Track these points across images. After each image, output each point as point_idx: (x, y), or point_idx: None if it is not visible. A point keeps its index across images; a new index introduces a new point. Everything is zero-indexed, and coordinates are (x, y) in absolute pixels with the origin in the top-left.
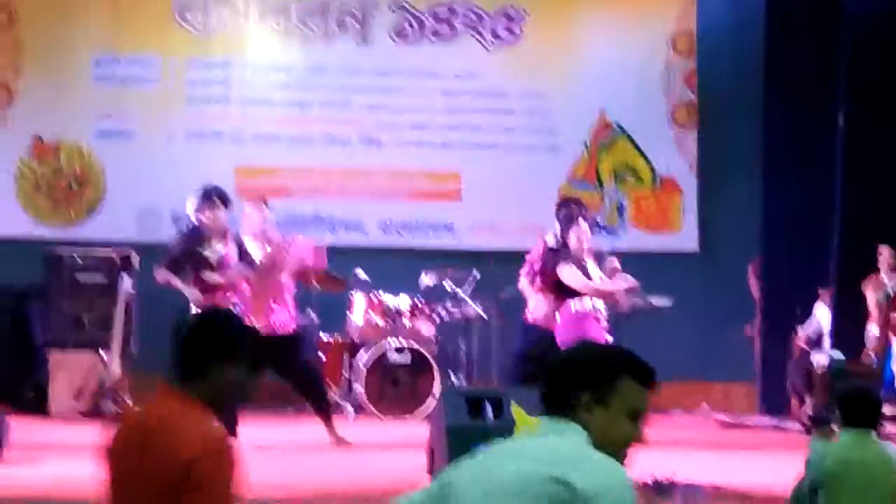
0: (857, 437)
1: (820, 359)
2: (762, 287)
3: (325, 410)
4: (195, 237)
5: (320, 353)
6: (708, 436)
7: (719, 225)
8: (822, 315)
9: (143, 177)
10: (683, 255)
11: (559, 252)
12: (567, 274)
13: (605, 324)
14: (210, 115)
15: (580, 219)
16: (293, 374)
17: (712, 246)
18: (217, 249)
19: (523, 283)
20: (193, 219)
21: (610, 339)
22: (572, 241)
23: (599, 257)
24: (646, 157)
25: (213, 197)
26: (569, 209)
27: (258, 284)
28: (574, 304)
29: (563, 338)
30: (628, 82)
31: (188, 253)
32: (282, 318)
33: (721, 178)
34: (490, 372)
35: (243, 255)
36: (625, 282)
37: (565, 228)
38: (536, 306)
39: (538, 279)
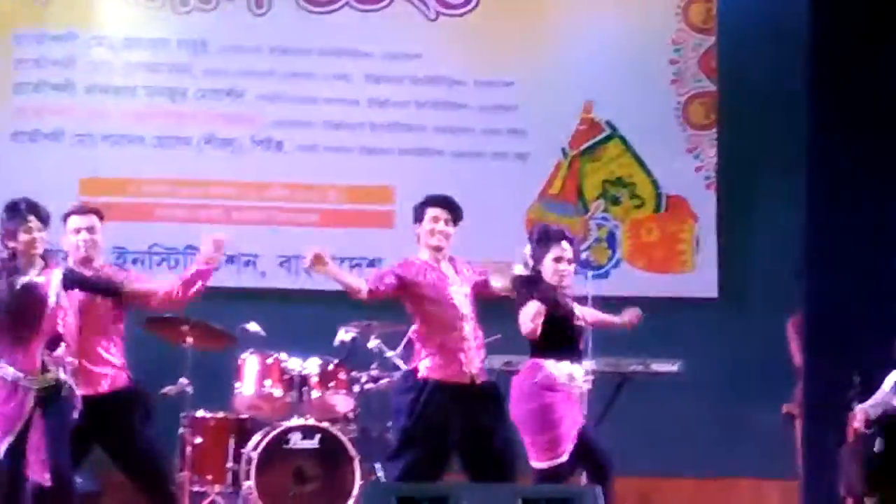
0: None
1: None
2: (806, 348)
3: None
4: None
5: (196, 437)
6: None
7: (747, 263)
8: (890, 386)
9: None
10: (698, 303)
11: (529, 283)
12: (523, 313)
13: (579, 403)
14: (46, 108)
15: (564, 241)
16: (125, 454)
17: (737, 291)
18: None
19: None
20: None
21: (578, 425)
22: (547, 267)
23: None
24: (647, 169)
25: (23, 211)
26: (546, 228)
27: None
28: (539, 371)
29: (514, 412)
30: (623, 67)
31: None
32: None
33: (750, 199)
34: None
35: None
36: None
37: (539, 250)
38: None
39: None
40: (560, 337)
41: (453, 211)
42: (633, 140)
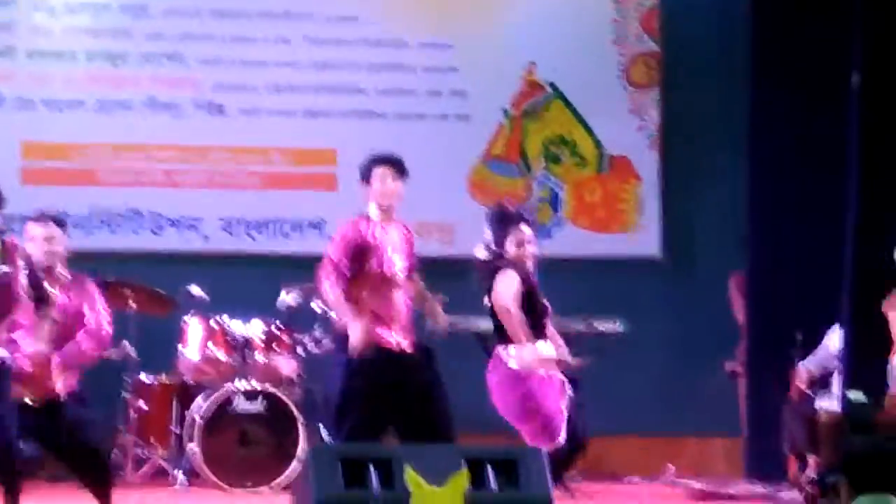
0: None
1: (828, 403)
2: (749, 307)
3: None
4: None
5: (139, 401)
6: None
7: (690, 222)
8: (832, 344)
9: None
10: (641, 262)
11: (490, 268)
12: (503, 283)
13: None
14: None
15: (522, 223)
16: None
17: (680, 251)
18: None
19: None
20: None
21: (564, 405)
22: (510, 252)
23: None
24: (589, 129)
25: None
26: (502, 212)
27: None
28: (513, 355)
29: (499, 405)
30: (565, 28)
31: None
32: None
33: (692, 159)
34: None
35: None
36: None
37: (499, 233)
38: None
39: None
40: (529, 317)
41: (401, 168)
42: (576, 100)
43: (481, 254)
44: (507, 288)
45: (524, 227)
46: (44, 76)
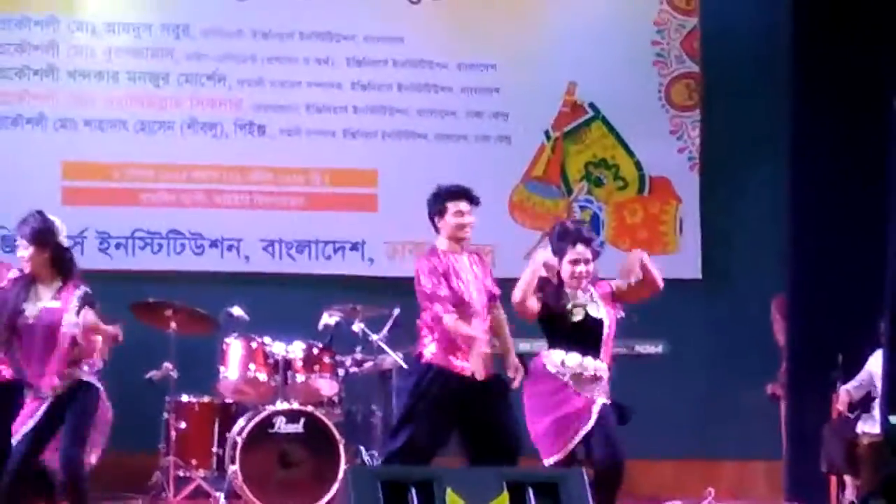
0: None
1: (869, 427)
2: (790, 329)
3: None
4: None
5: (180, 421)
6: None
7: (730, 244)
8: (873, 367)
9: None
10: (682, 284)
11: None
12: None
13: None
14: (28, 92)
15: (580, 244)
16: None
17: (721, 273)
18: None
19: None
20: None
21: (588, 427)
22: (565, 269)
23: None
24: (630, 151)
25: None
26: (563, 229)
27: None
28: (551, 359)
29: (524, 398)
30: (606, 49)
31: None
32: None
33: (733, 181)
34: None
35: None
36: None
37: (558, 250)
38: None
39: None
40: (564, 331)
41: (474, 200)
42: (616, 122)
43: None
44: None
45: (580, 247)
46: (85, 96)
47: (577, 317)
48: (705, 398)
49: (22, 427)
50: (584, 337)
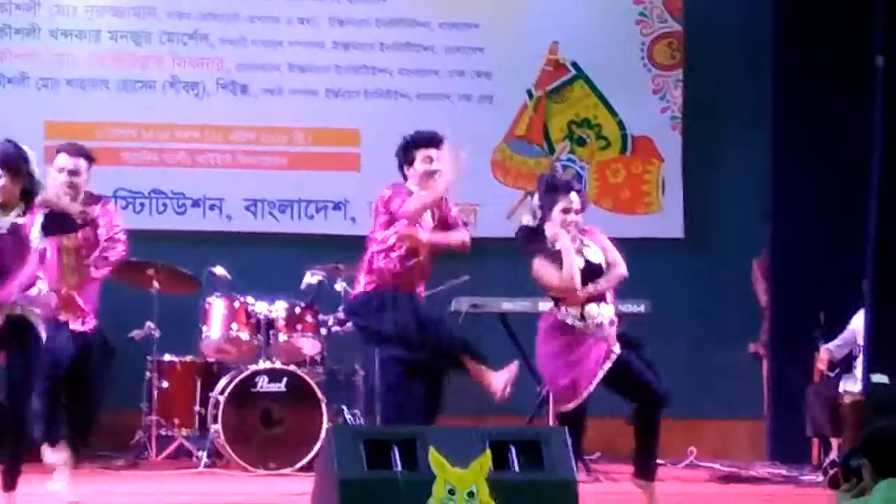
0: None
1: (851, 386)
2: (772, 289)
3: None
4: None
5: (163, 381)
6: (700, 492)
7: (713, 203)
8: (856, 326)
9: None
10: (664, 243)
11: (535, 235)
12: (539, 271)
13: (603, 340)
14: (10, 52)
15: (573, 192)
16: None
17: (703, 232)
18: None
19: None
20: None
21: (605, 369)
22: (555, 218)
23: None
24: (612, 110)
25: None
26: (552, 179)
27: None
28: (569, 313)
29: (537, 359)
30: (588, 8)
31: None
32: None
33: (716, 140)
34: None
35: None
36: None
37: (548, 200)
38: None
39: None
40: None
41: (441, 146)
42: (599, 81)
43: (527, 220)
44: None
45: (573, 196)
46: (67, 55)
47: (580, 264)
48: (687, 358)
49: None
50: (584, 283)
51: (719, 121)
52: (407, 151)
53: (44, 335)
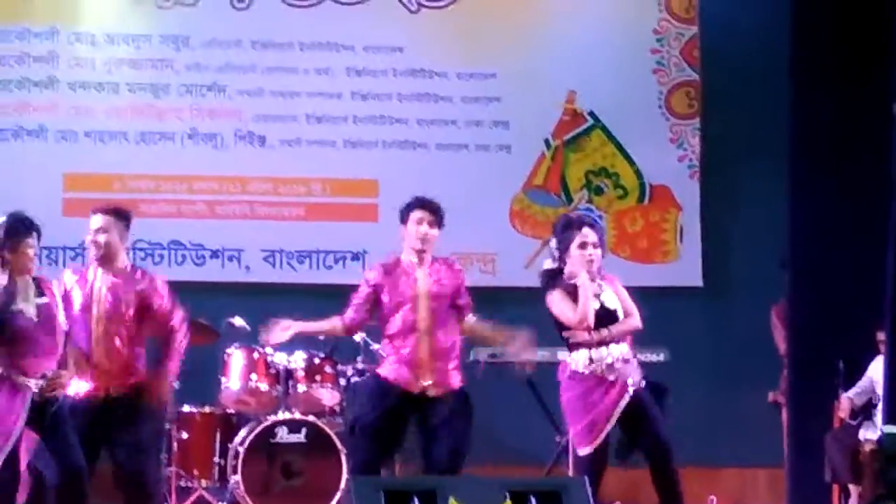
0: None
1: (871, 434)
2: (790, 336)
3: None
4: None
5: (182, 432)
6: None
7: (731, 251)
8: (874, 373)
9: None
10: (682, 292)
11: (555, 275)
12: (555, 303)
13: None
14: (29, 104)
15: (585, 227)
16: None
17: (721, 280)
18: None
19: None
20: None
21: (621, 406)
22: (574, 256)
23: None
24: (630, 159)
25: (20, 227)
26: (567, 218)
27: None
28: (578, 359)
29: (567, 407)
30: (605, 57)
31: None
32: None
33: (734, 188)
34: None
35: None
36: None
37: (564, 239)
38: None
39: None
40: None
41: (437, 214)
42: (616, 130)
43: (548, 264)
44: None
45: (586, 230)
46: (85, 107)
47: (595, 307)
48: (707, 406)
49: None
50: (598, 327)
51: (737, 169)
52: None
53: None
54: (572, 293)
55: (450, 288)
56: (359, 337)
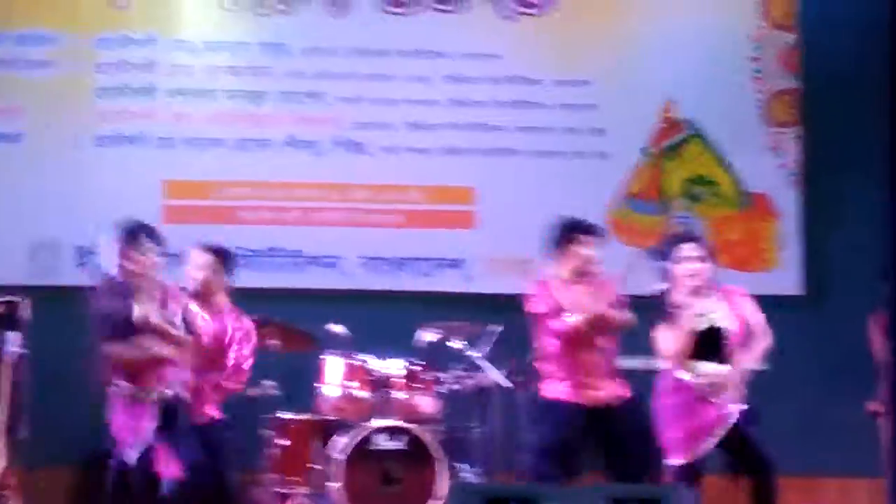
0: None
1: None
2: (891, 346)
3: None
4: (116, 293)
5: (281, 438)
6: None
7: (831, 259)
8: None
9: (36, 196)
10: (782, 301)
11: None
12: (656, 336)
13: (722, 401)
14: (129, 112)
15: (685, 243)
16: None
17: (822, 288)
18: (146, 309)
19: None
20: (110, 266)
21: (716, 435)
22: (679, 272)
23: None
24: (728, 167)
25: (141, 235)
26: (669, 237)
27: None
28: (671, 372)
29: (655, 409)
30: (704, 64)
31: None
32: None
33: (833, 195)
34: (515, 461)
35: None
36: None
37: (669, 258)
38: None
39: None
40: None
41: (601, 237)
42: (715, 138)
43: (658, 286)
44: (665, 344)
45: (685, 246)
46: (184, 114)
47: (702, 326)
48: (807, 415)
49: None
50: (706, 345)
51: (837, 176)
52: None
53: None
54: (675, 321)
55: None
56: (456, 345)
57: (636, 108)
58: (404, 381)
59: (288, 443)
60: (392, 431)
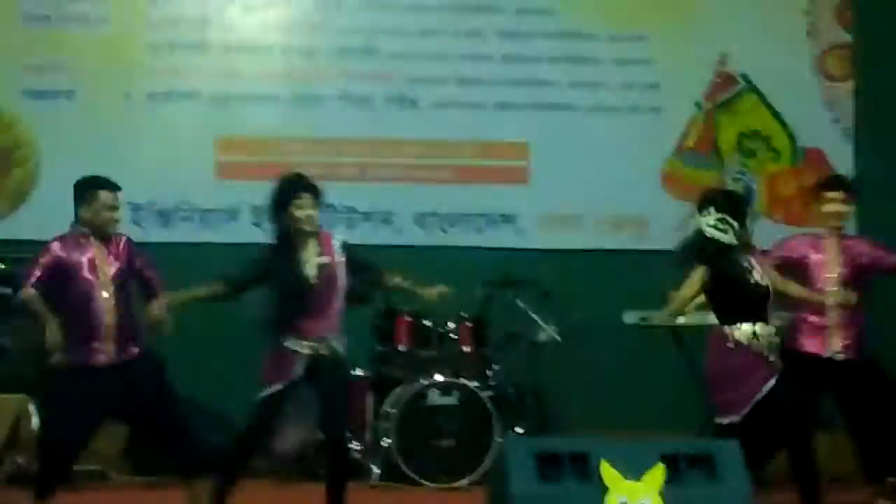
0: None
1: None
2: None
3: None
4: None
5: None
6: None
7: (885, 213)
8: None
9: (90, 152)
10: None
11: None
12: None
13: (767, 362)
14: (181, 68)
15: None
16: None
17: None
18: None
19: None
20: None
21: (765, 389)
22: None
23: None
24: (783, 122)
25: (293, 186)
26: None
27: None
28: (742, 332)
29: (706, 370)
30: (757, 20)
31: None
32: None
33: (887, 151)
34: (569, 417)
35: None
36: None
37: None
38: None
39: None
40: (732, 299)
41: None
42: (769, 93)
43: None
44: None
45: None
46: (237, 71)
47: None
48: None
49: None
50: (755, 304)
51: (891, 131)
52: None
53: None
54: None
55: None
56: (509, 300)
57: (691, 62)
58: (458, 336)
59: None
60: (445, 387)
